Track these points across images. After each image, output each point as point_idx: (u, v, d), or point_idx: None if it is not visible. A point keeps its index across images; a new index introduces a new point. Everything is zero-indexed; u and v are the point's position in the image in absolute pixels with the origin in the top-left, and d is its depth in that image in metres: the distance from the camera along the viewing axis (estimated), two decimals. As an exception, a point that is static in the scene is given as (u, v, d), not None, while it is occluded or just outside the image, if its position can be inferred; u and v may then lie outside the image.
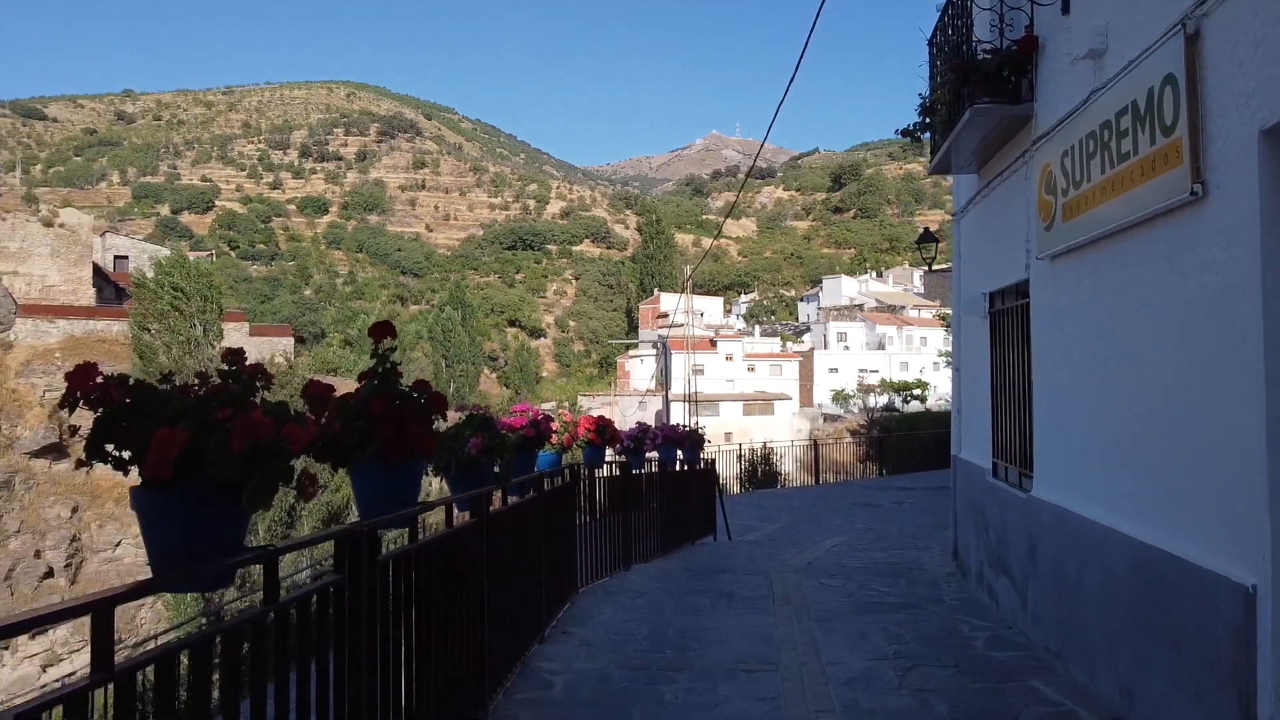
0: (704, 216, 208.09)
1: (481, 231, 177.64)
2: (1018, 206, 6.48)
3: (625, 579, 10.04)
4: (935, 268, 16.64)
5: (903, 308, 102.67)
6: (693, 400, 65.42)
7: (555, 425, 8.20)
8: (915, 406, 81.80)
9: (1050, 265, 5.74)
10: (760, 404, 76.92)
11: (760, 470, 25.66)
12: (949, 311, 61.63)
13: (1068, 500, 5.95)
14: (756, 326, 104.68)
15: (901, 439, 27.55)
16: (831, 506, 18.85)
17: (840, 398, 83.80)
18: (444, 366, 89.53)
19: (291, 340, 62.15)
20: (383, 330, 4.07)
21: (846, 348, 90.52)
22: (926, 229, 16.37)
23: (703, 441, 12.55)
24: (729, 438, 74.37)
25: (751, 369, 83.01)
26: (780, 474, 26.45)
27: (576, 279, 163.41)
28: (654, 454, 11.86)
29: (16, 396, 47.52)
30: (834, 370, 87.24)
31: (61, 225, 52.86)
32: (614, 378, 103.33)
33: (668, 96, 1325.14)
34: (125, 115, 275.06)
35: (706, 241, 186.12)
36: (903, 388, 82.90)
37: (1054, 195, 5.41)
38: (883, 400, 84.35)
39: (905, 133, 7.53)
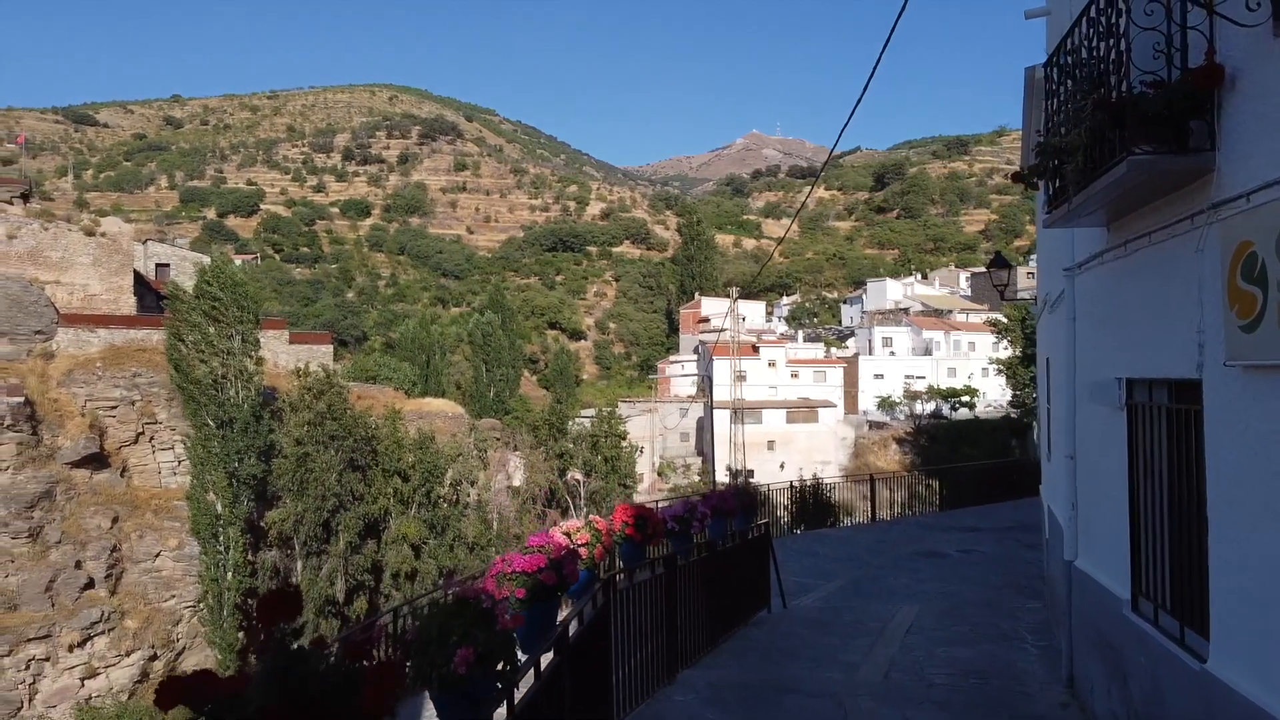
0: (744, 217, 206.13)
1: (522, 233, 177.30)
2: (1180, 283, 5.05)
3: (671, 707, 8.54)
4: (1010, 297, 14.97)
5: (950, 312, 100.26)
6: (738, 409, 64.06)
7: (585, 537, 6.95)
8: (964, 414, 79.81)
9: (1252, 376, 4.30)
10: (804, 411, 75.25)
11: (811, 500, 24.11)
12: (999, 316, 59.16)
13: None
14: (799, 331, 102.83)
15: (965, 473, 25.53)
16: (892, 556, 17.20)
17: (886, 404, 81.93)
18: (484, 371, 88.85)
19: (330, 348, 61.70)
20: (275, 607, 2.58)
21: (892, 353, 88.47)
22: (999, 254, 14.85)
23: (756, 504, 11.14)
24: (771, 446, 72.95)
25: (795, 375, 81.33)
26: (833, 503, 24.82)
27: (616, 280, 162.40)
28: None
29: (58, 406, 47.32)
30: (879, 376, 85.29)
31: (103, 234, 52.64)
32: (654, 382, 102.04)
33: (707, 95, 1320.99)
34: (173, 120, 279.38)
35: (747, 242, 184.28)
36: (951, 394, 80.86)
37: (1262, 288, 3.99)
38: (930, 407, 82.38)
39: (1018, 178, 6.14)
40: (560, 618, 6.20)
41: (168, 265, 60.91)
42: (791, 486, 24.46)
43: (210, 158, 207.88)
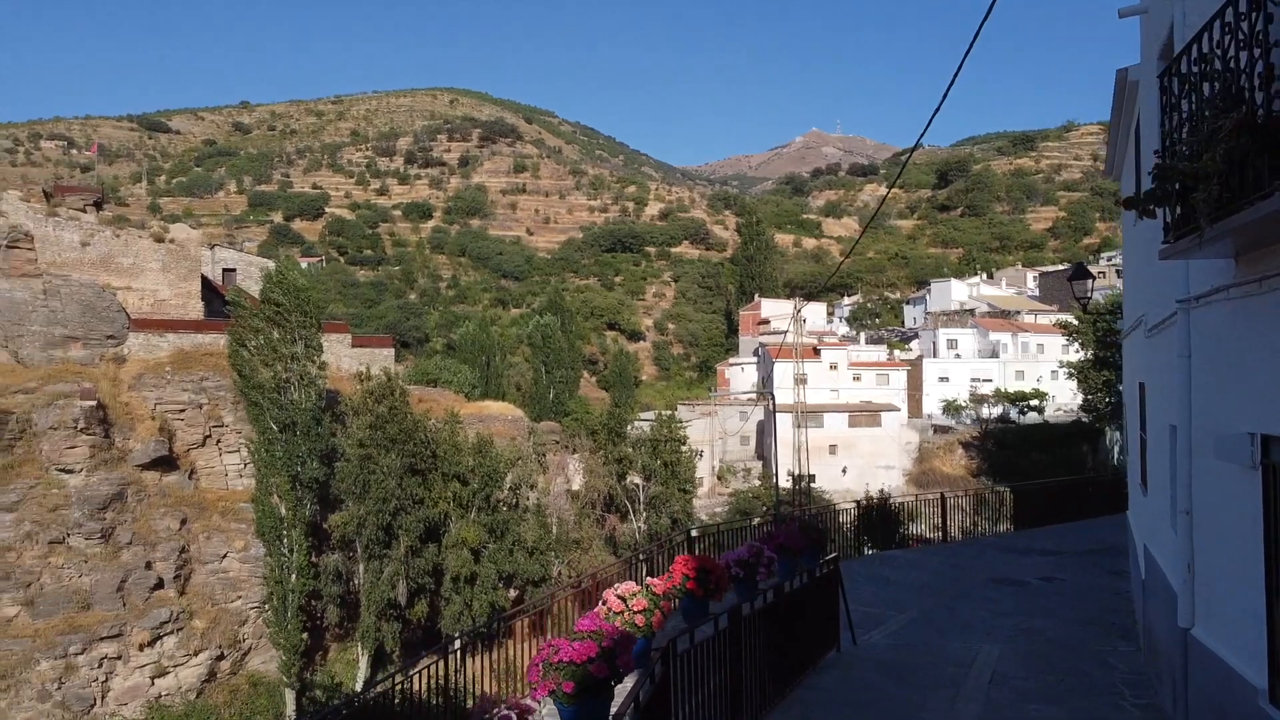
0: (804, 216, 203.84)
1: (580, 234, 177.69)
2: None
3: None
4: (1090, 310, 14.08)
5: (1017, 313, 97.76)
6: (799, 412, 63.13)
7: (642, 603, 6.42)
8: (1033, 418, 77.70)
9: None
10: (866, 415, 73.90)
11: (877, 515, 23.23)
12: (1069, 318, 57.27)
13: None
14: (861, 333, 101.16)
15: (1040, 490, 24.23)
16: (966, 584, 16.17)
17: (951, 408, 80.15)
18: (543, 372, 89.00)
19: (392, 351, 62.17)
20: None
21: (957, 355, 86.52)
22: (1080, 264, 13.98)
23: (825, 540, 10.40)
24: (833, 450, 71.78)
25: (857, 378, 79.96)
26: (901, 521, 23.86)
27: (675, 281, 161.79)
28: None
29: (129, 409, 48.29)
30: (944, 379, 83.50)
31: (171, 240, 53.66)
32: (713, 383, 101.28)
33: (767, 94, 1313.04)
34: (242, 126, 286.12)
35: (807, 241, 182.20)
36: (1019, 398, 78.79)
37: None
38: (997, 411, 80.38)
39: (1130, 204, 5.44)
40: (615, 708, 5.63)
41: (234, 270, 61.92)
42: (858, 505, 23.60)
43: (277, 162, 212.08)
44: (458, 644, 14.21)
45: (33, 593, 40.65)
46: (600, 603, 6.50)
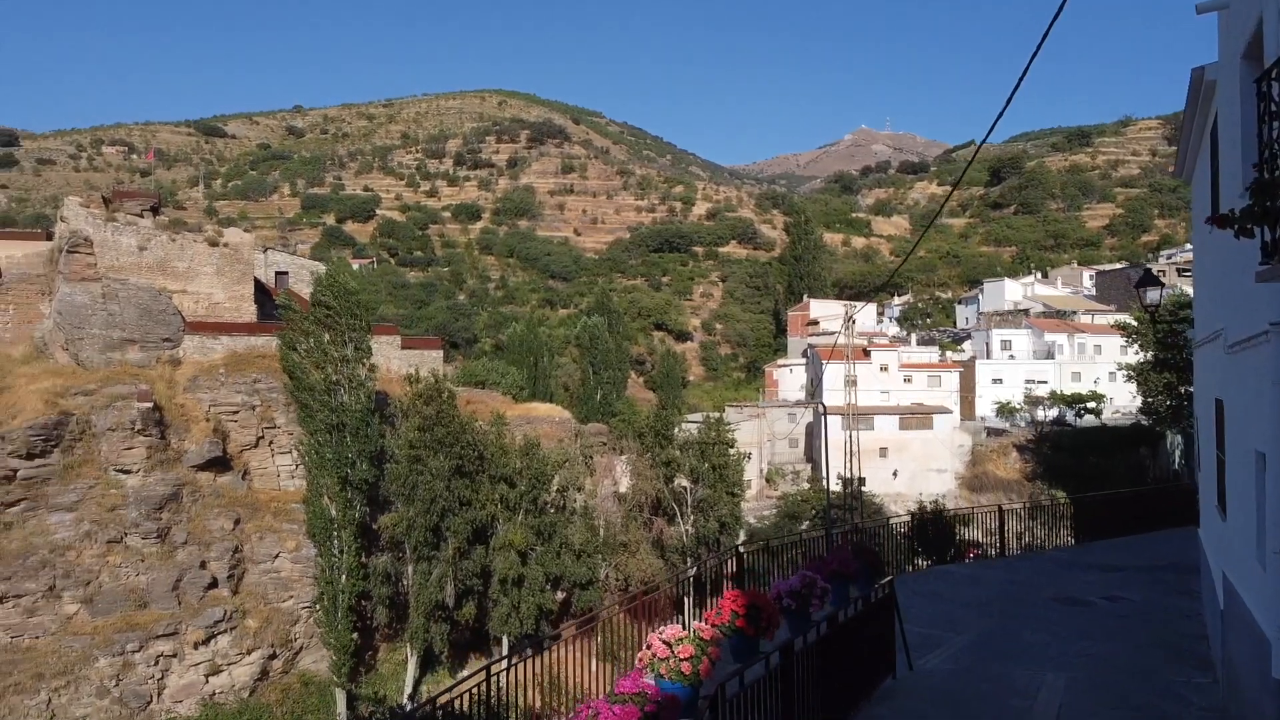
0: (853, 215, 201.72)
1: (628, 234, 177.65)
2: None
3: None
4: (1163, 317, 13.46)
5: (1073, 313, 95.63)
6: (849, 414, 62.29)
7: (688, 650, 6.09)
8: (1089, 421, 75.93)
9: None
10: (918, 417, 72.74)
11: (931, 526, 22.55)
12: (1128, 319, 55.74)
13: None
14: (912, 334, 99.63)
15: (1101, 501, 23.20)
16: (1027, 603, 15.44)
17: (1005, 411, 78.63)
18: (591, 373, 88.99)
19: (441, 353, 62.52)
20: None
21: (1011, 356, 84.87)
22: (1148, 271, 13.46)
23: (880, 563, 9.89)
24: (884, 453, 70.77)
25: (908, 380, 78.77)
26: (956, 532, 23.12)
27: (723, 281, 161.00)
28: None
29: (184, 411, 49.12)
30: (997, 381, 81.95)
31: (225, 244, 54.45)
32: (762, 384, 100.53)
33: (815, 92, 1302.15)
34: (295, 130, 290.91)
35: (856, 240, 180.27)
36: (1075, 400, 77.05)
37: None
38: (1052, 414, 78.72)
39: (1224, 222, 5.02)
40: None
41: (286, 273, 62.67)
42: (912, 516, 22.97)
43: (329, 165, 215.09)
44: (529, 652, 14.00)
45: (91, 591, 41.46)
46: (644, 646, 6.19)
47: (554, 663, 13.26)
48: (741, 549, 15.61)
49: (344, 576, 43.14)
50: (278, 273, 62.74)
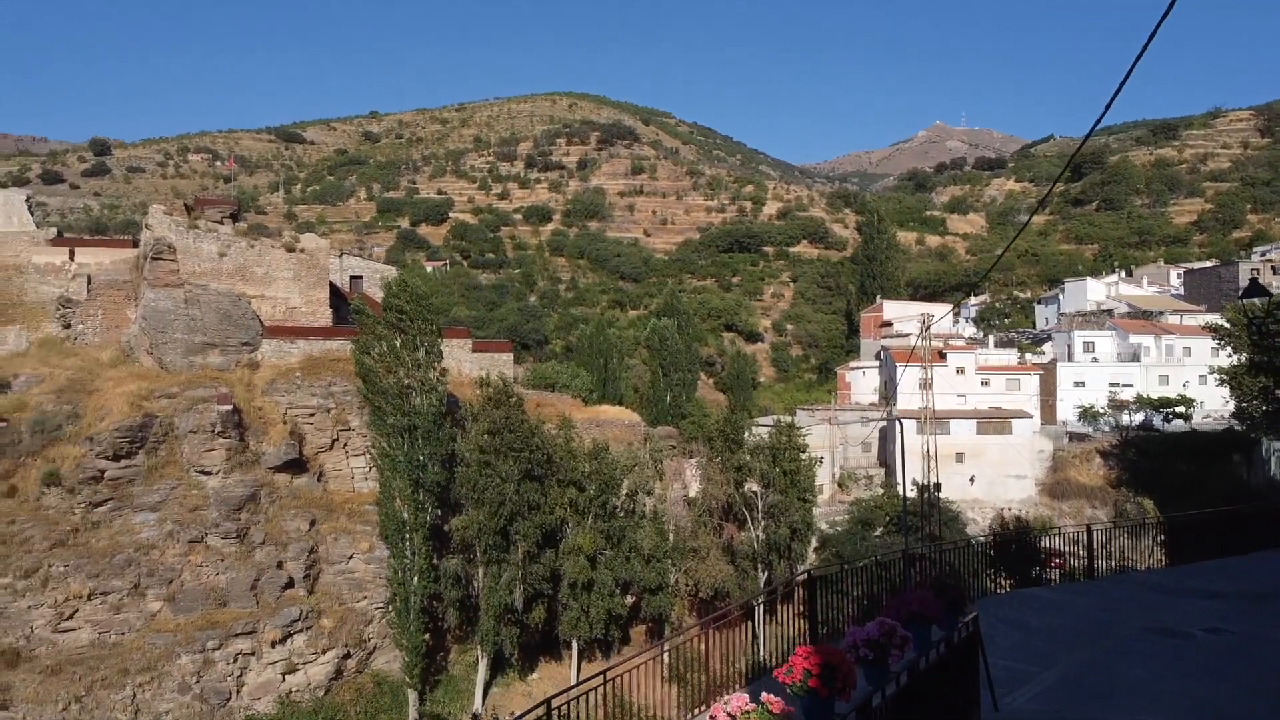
0: (927, 213, 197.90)
1: (698, 235, 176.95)
2: None
3: None
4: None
5: (1160, 313, 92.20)
6: (924, 418, 60.87)
7: None
8: (1178, 426, 73.04)
9: None
10: (996, 422, 70.82)
11: (1014, 545, 21.58)
12: (1219, 319, 53.47)
13: None
14: (990, 336, 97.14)
15: (1196, 520, 21.65)
16: (1120, 634, 14.37)
17: (1088, 415, 76.11)
18: (661, 375, 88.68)
19: (511, 355, 62.88)
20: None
21: (1094, 359, 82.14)
22: (1254, 280, 12.53)
23: (963, 598, 9.14)
24: (960, 458, 69.05)
25: (985, 383, 76.77)
26: (1040, 550, 22.02)
27: (794, 281, 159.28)
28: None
29: (262, 414, 50.23)
30: (1080, 384, 79.37)
31: (302, 250, 55.53)
32: (833, 386, 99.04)
33: (888, 88, 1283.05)
34: (371, 135, 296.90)
35: (931, 239, 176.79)
36: (1163, 404, 74.20)
37: None
38: (1138, 418, 75.96)
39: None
40: None
41: (360, 277, 63.68)
42: (993, 536, 22.01)
43: (404, 169, 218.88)
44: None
45: (174, 589, 42.64)
46: None
47: (620, 683, 12.77)
48: (813, 573, 14.85)
49: (415, 578, 43.58)
50: (352, 277, 63.81)
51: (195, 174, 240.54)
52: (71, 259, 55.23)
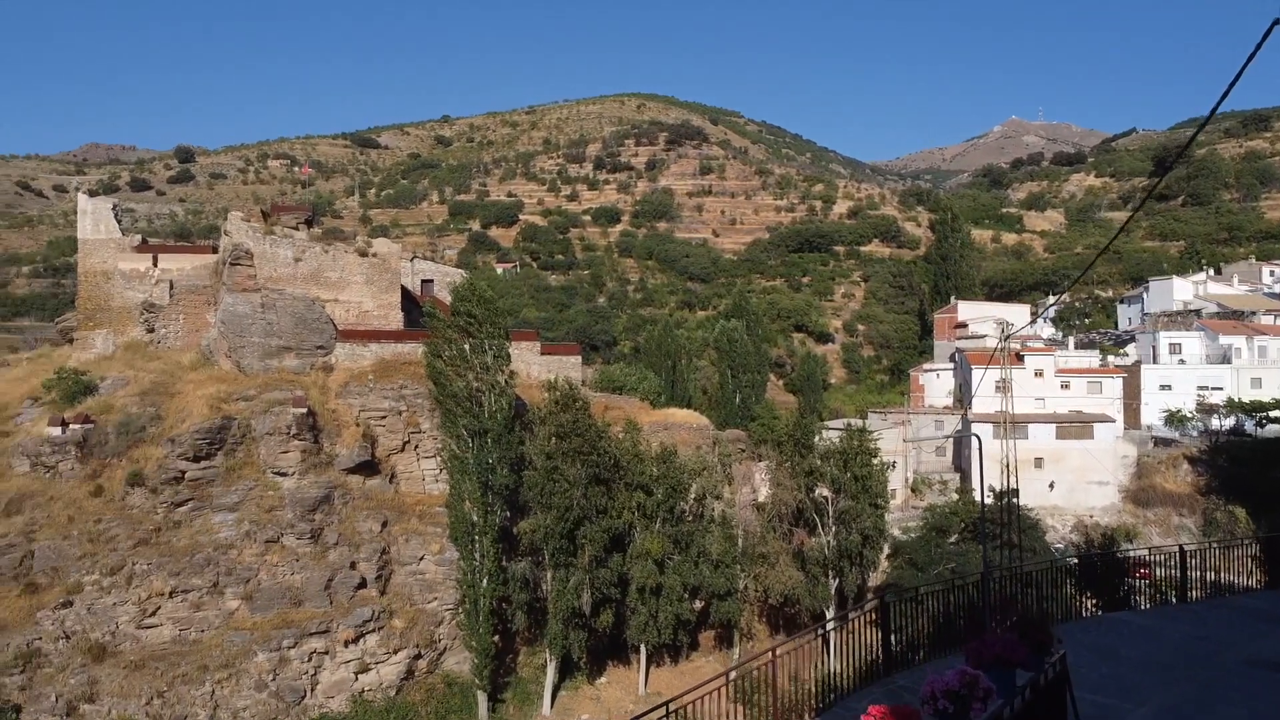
0: (1003, 210, 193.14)
1: (767, 235, 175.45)
2: None
3: None
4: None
5: (1252, 313, 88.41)
6: (1001, 422, 59.29)
7: None
8: (1272, 430, 69.88)
9: None
10: (1076, 426, 68.63)
11: (1100, 565, 20.53)
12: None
13: None
14: (1070, 337, 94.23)
15: None
16: (1217, 666, 13.39)
17: (1175, 420, 73.31)
18: (729, 376, 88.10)
19: (579, 358, 62.94)
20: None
21: (1181, 361, 79.07)
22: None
23: (1049, 638, 8.33)
24: (1039, 464, 67.11)
25: (1065, 386, 74.44)
26: (1128, 567, 20.90)
27: (865, 281, 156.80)
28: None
29: (335, 416, 51.11)
30: (1166, 387, 76.46)
31: (374, 254, 56.33)
32: (906, 388, 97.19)
33: (962, 83, 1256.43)
34: (443, 139, 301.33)
35: (1007, 237, 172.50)
36: (1256, 408, 71.05)
37: None
38: (1229, 423, 72.91)
39: None
40: None
41: (431, 281, 64.39)
42: (1080, 559, 21.02)
43: (475, 172, 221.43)
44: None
45: (251, 588, 43.54)
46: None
47: (687, 708, 12.38)
48: (886, 598, 14.26)
49: (485, 580, 43.81)
50: (423, 280, 64.56)
51: (274, 179, 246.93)
52: (155, 265, 56.89)
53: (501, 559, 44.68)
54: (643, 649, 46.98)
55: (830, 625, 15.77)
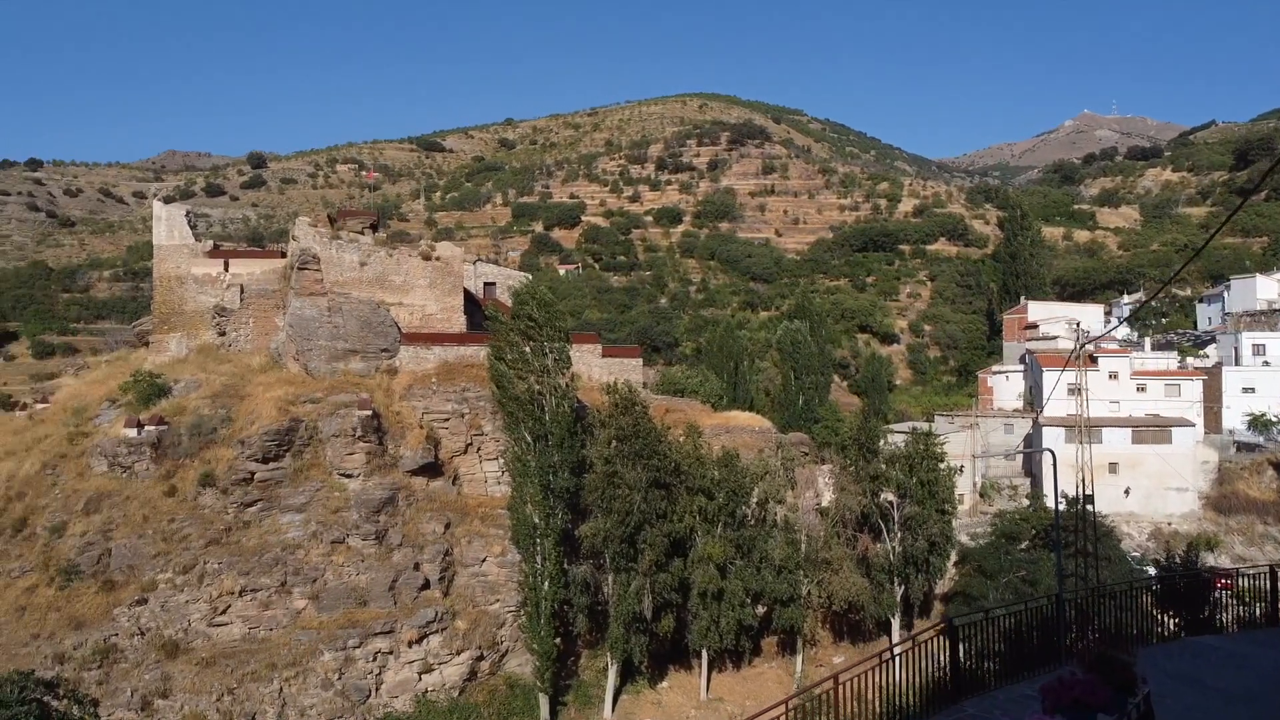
0: (1075, 206, 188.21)
1: (830, 234, 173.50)
2: None
3: None
4: None
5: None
6: (1079, 427, 57.60)
7: None
8: (1364, 436, 66.95)
9: None
10: (1153, 431, 66.41)
11: (1182, 584, 19.55)
12: None
13: None
14: (1146, 338, 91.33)
15: None
16: None
17: (1259, 424, 70.59)
18: (792, 378, 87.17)
19: (640, 360, 62.76)
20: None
21: (1266, 363, 76.08)
22: None
23: (1134, 677, 7.65)
24: (1113, 469, 65.13)
25: (1141, 389, 72.17)
26: (1211, 586, 19.83)
27: (931, 280, 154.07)
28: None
29: (399, 419, 51.74)
30: (1249, 390, 73.60)
31: (437, 258, 56.89)
32: (974, 390, 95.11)
33: (1031, 76, 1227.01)
34: (507, 142, 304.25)
35: (1079, 234, 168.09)
36: (1345, 412, 68.12)
37: None
38: (1317, 427, 69.98)
39: None
40: None
41: (494, 284, 64.82)
42: (1161, 580, 19.98)
43: (538, 174, 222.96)
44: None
45: (317, 588, 44.24)
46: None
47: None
48: (955, 621, 13.71)
49: (546, 583, 43.88)
50: (486, 283, 65.03)
51: (342, 184, 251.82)
52: (226, 270, 58.23)
53: (563, 562, 44.70)
54: (704, 654, 46.64)
55: (897, 648, 15.14)
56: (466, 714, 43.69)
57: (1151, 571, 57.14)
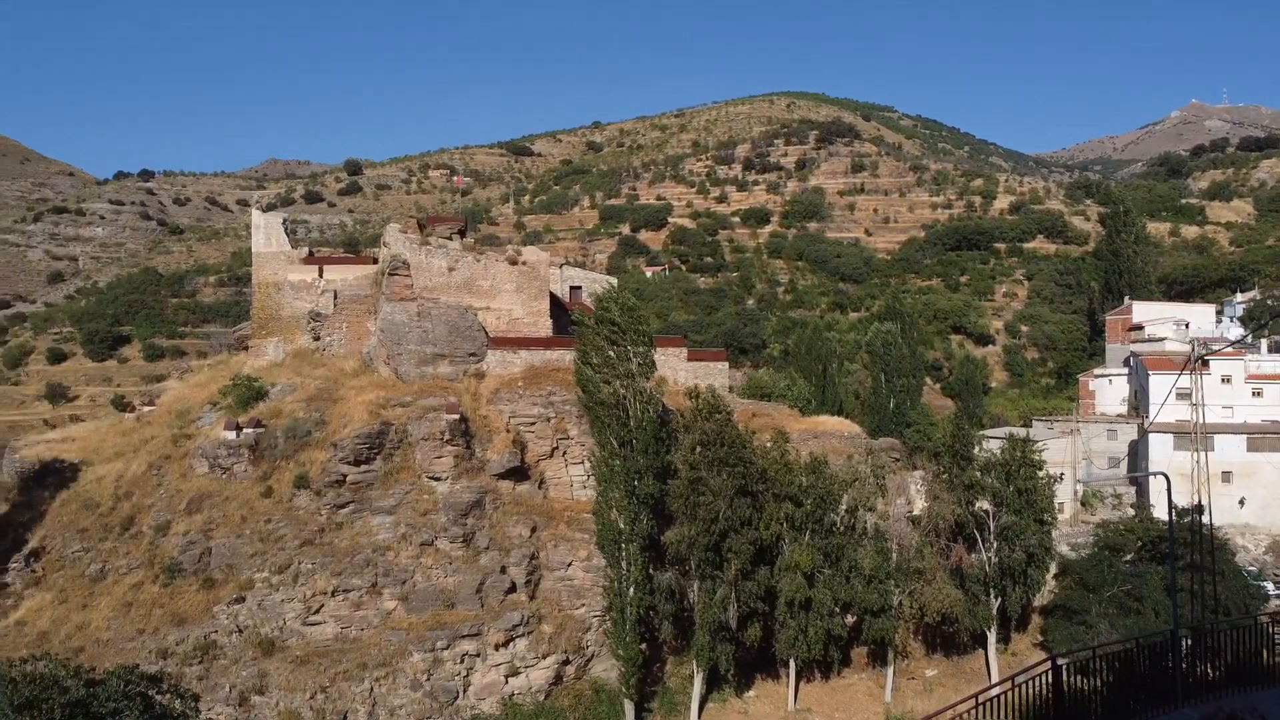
0: (1183, 201, 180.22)
1: (922, 233, 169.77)
2: None
3: None
4: None
5: None
6: (1194, 434, 54.97)
7: None
8: None
9: None
10: (1271, 438, 62.92)
11: None
12: None
13: None
14: (1262, 339, 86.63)
15: None
16: None
17: (1388, 430, 66.19)
18: (883, 381, 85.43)
19: (725, 364, 62.07)
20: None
21: (1396, 365, 71.49)
22: None
23: None
24: (1227, 478, 62.12)
25: (1256, 393, 68.52)
26: None
27: (1028, 280, 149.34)
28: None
29: (486, 422, 52.25)
30: (1377, 394, 69.22)
31: (524, 262, 57.30)
32: (1074, 393, 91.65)
33: (1134, 65, 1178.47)
34: (594, 145, 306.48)
35: (1187, 230, 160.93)
36: None
37: None
38: None
39: None
40: None
41: (580, 287, 65.00)
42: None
43: (625, 177, 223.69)
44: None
45: (407, 589, 44.88)
46: None
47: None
48: (1060, 661, 12.89)
49: (631, 589, 43.65)
50: (572, 287, 65.26)
51: (435, 189, 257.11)
52: (320, 276, 59.68)
53: (649, 568, 44.40)
54: (792, 664, 45.79)
55: (994, 692, 14.38)
56: (553, 718, 43.75)
57: (1270, 588, 54.09)
